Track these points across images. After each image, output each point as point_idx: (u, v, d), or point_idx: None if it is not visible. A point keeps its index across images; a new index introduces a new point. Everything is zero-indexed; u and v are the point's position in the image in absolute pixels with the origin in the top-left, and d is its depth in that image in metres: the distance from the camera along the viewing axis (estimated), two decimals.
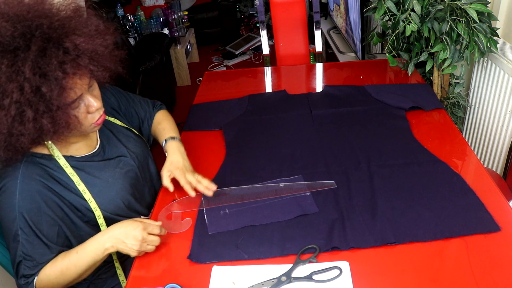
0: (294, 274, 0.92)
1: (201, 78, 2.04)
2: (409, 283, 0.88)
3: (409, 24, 1.58)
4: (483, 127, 1.84)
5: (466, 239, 0.96)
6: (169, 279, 0.94)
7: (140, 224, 0.98)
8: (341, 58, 2.60)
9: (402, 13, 1.61)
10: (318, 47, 2.33)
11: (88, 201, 1.04)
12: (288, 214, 1.08)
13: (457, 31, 1.52)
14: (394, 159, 1.24)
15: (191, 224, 1.08)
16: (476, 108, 1.88)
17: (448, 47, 1.57)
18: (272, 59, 2.34)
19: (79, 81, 0.92)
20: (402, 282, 0.89)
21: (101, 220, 1.06)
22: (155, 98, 1.44)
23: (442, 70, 1.68)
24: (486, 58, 1.76)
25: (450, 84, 1.81)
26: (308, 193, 1.14)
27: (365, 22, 2.23)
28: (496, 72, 1.70)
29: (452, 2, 1.50)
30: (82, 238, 1.02)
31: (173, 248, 1.02)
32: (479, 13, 1.48)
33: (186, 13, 4.08)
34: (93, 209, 1.04)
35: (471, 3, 1.47)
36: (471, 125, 1.94)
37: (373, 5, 1.71)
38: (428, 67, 1.71)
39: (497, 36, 1.58)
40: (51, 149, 1.01)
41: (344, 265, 0.93)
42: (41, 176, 0.98)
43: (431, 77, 1.80)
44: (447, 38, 1.56)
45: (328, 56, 3.25)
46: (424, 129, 1.39)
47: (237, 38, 4.42)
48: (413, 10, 1.57)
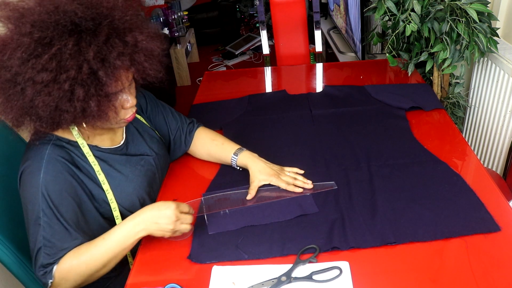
0: (294, 274, 0.92)
1: (201, 78, 2.04)
2: (409, 283, 0.88)
3: (409, 24, 1.58)
4: (483, 127, 1.84)
5: (466, 239, 0.96)
6: (169, 279, 0.94)
7: (172, 203, 0.97)
8: (341, 58, 2.60)
9: (402, 13, 1.61)
10: (318, 47, 2.33)
11: (106, 192, 1.04)
12: (288, 214, 1.08)
13: (457, 31, 1.52)
14: (394, 159, 1.24)
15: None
16: (476, 108, 1.88)
17: (448, 47, 1.57)
18: (272, 59, 2.34)
19: (126, 75, 0.97)
20: (402, 282, 0.89)
21: (117, 213, 1.06)
22: None
23: (442, 70, 1.68)
24: (486, 58, 1.76)
25: (450, 84, 1.81)
26: (308, 193, 1.14)
27: (365, 22, 2.23)
28: (496, 72, 1.70)
29: (452, 2, 1.51)
30: (93, 233, 1.00)
31: (173, 248, 1.02)
32: (479, 13, 1.48)
33: (186, 13, 4.07)
34: (110, 201, 1.05)
35: (471, 3, 1.47)
36: (471, 125, 1.94)
37: (373, 5, 1.71)
38: (428, 67, 1.71)
39: (497, 36, 1.58)
40: (77, 136, 1.02)
41: (344, 265, 0.93)
42: (66, 160, 0.99)
43: (431, 77, 1.80)
44: (447, 38, 1.56)
45: (328, 56, 3.24)
46: (424, 129, 1.39)
47: (237, 38, 4.42)
48: (413, 10, 1.57)
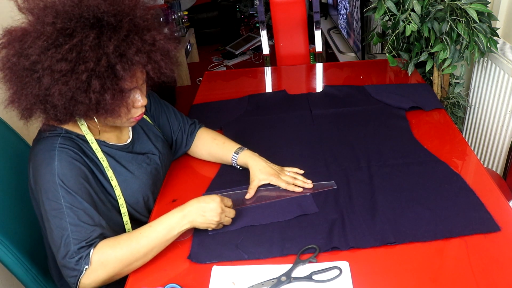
0: (294, 274, 0.92)
1: (201, 78, 2.04)
2: (409, 283, 0.88)
3: (409, 24, 1.58)
4: (483, 127, 1.84)
5: (466, 239, 0.96)
6: (169, 279, 0.94)
7: (217, 197, 1.00)
8: (341, 58, 2.60)
9: (402, 13, 1.61)
10: (318, 47, 2.33)
11: (114, 188, 1.05)
12: (288, 214, 1.08)
13: (457, 31, 1.52)
14: (394, 159, 1.24)
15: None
16: (476, 108, 1.88)
17: (448, 47, 1.57)
18: (272, 59, 2.34)
19: (141, 74, 0.99)
20: (402, 282, 0.89)
21: (124, 210, 1.06)
22: None
23: (442, 70, 1.68)
24: (486, 58, 1.76)
25: (450, 84, 1.81)
26: (308, 193, 1.14)
27: (365, 22, 2.23)
28: (496, 72, 1.70)
29: (452, 2, 1.51)
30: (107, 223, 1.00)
31: (173, 248, 1.02)
32: (479, 13, 1.48)
33: (186, 13, 4.07)
34: (117, 197, 1.05)
35: (471, 3, 1.47)
36: (471, 125, 1.94)
37: (373, 5, 1.71)
38: (428, 67, 1.71)
39: (497, 36, 1.58)
40: (86, 132, 1.03)
41: (344, 265, 0.93)
42: (78, 150, 0.99)
43: (431, 77, 1.80)
44: (447, 38, 1.56)
45: (328, 56, 3.25)
46: (424, 129, 1.39)
47: (237, 38, 4.41)
48: (413, 10, 1.57)
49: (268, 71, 2.02)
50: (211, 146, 1.30)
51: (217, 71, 2.15)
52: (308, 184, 1.16)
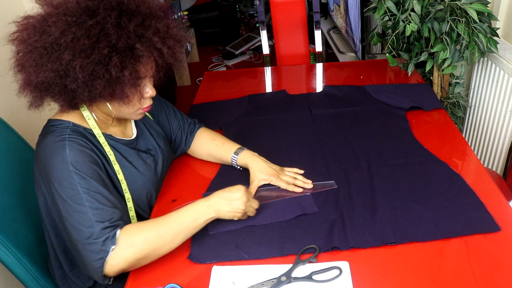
0: (294, 274, 0.92)
1: (201, 78, 2.04)
2: (409, 283, 0.88)
3: (409, 24, 1.58)
4: (483, 127, 1.84)
5: (466, 239, 0.96)
6: (169, 279, 0.94)
7: (242, 186, 1.02)
8: (341, 58, 2.60)
9: (402, 13, 1.61)
10: (318, 47, 2.33)
11: (121, 182, 1.05)
12: (288, 214, 1.08)
13: (457, 31, 1.52)
14: (394, 159, 1.24)
15: None
16: (476, 108, 1.88)
17: (448, 47, 1.57)
18: (272, 59, 2.34)
19: (151, 64, 1.00)
20: (402, 282, 0.89)
21: (130, 204, 1.07)
22: None
23: (442, 70, 1.68)
24: (486, 58, 1.76)
25: (450, 84, 1.81)
26: (308, 193, 1.14)
27: (365, 22, 2.23)
28: (496, 72, 1.70)
29: (452, 2, 1.51)
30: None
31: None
32: (479, 13, 1.48)
33: (186, 13, 4.07)
34: (124, 191, 1.06)
35: (471, 3, 1.47)
36: (471, 125, 1.94)
37: (373, 5, 1.71)
38: (428, 67, 1.71)
39: (497, 36, 1.58)
40: (93, 126, 1.03)
41: (344, 265, 0.93)
42: (87, 140, 1.00)
43: (431, 77, 1.80)
44: (447, 38, 1.56)
45: (328, 56, 3.24)
46: (424, 129, 1.39)
47: (237, 38, 4.41)
48: (413, 10, 1.57)
49: (268, 71, 2.02)
50: (211, 147, 1.30)
51: (217, 71, 2.15)
52: (308, 184, 1.17)
